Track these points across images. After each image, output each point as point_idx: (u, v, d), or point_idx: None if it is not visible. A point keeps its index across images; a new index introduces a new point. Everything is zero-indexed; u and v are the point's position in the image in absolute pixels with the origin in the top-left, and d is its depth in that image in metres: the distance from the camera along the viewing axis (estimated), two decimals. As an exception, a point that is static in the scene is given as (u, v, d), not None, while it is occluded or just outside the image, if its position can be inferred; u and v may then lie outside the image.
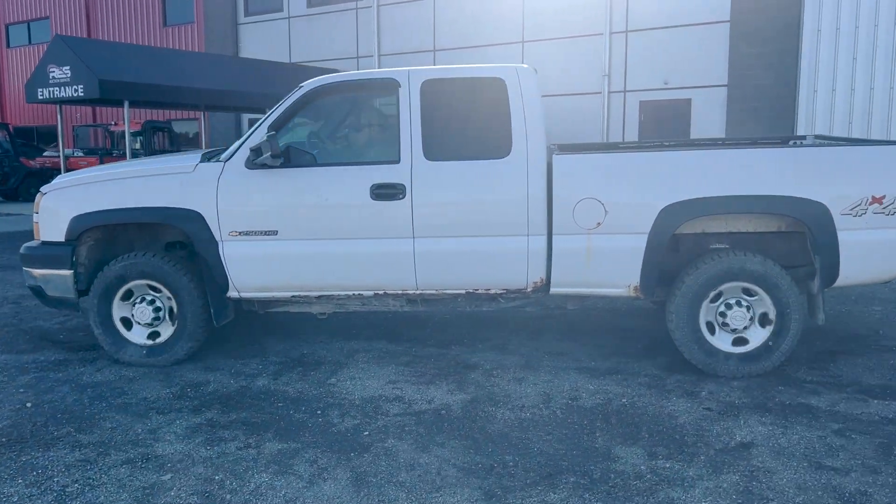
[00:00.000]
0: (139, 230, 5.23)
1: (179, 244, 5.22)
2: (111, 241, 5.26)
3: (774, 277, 4.53)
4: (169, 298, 5.02)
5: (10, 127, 21.61)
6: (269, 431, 3.91)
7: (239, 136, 13.77)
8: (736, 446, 3.63)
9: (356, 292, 4.90)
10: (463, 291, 4.85)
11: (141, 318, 5.03)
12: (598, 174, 4.60)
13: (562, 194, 4.59)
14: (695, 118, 14.42)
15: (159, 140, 20.05)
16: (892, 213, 4.47)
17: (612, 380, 4.63)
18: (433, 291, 4.85)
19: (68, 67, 13.14)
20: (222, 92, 13.91)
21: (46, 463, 3.57)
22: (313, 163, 4.81)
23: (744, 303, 4.62)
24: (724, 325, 4.64)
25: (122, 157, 17.48)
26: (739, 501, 3.10)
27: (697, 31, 14.17)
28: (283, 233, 4.77)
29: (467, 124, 4.80)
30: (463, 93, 4.80)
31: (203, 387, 4.62)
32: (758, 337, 4.63)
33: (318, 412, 4.16)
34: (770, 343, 4.59)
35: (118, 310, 5.03)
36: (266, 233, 4.78)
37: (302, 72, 15.54)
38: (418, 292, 4.86)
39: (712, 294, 4.62)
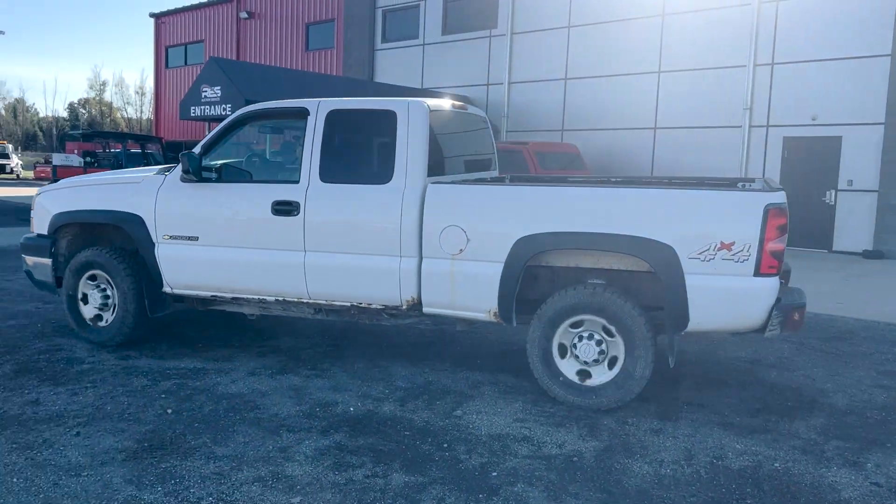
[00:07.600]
0: (103, 230, 6.04)
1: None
2: (86, 238, 6.12)
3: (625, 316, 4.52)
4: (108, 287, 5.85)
5: (163, 141, 23.26)
6: (395, 461, 3.85)
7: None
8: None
9: (261, 297, 5.44)
10: (349, 304, 5.20)
11: (92, 302, 5.88)
12: (463, 204, 4.83)
13: (430, 221, 4.86)
14: (845, 157, 13.50)
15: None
16: (741, 259, 4.20)
17: (760, 440, 4.27)
18: (323, 301, 5.25)
19: (219, 87, 14.04)
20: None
21: (184, 472, 3.66)
22: (235, 179, 5.48)
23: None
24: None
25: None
26: None
27: (852, 65, 13.27)
28: (203, 239, 5.49)
29: (360, 152, 5.33)
30: (361, 123, 5.25)
31: (331, 407, 4.64)
32: (602, 375, 4.66)
33: (445, 445, 4.07)
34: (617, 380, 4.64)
35: (83, 287, 5.91)
36: (189, 238, 5.51)
37: (433, 97, 15.79)
38: (311, 301, 5.27)
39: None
